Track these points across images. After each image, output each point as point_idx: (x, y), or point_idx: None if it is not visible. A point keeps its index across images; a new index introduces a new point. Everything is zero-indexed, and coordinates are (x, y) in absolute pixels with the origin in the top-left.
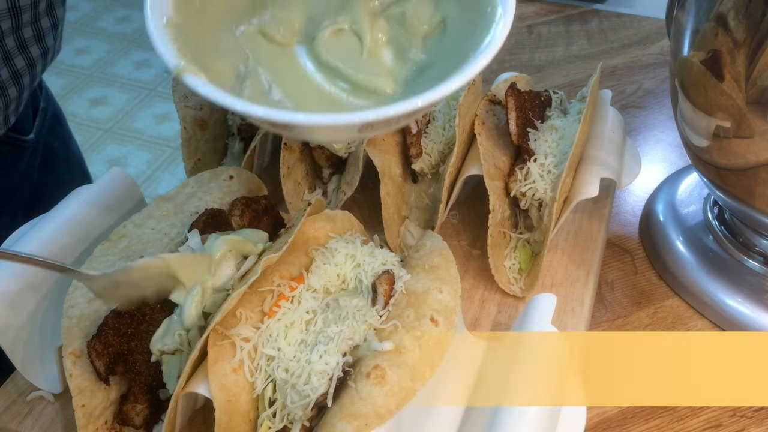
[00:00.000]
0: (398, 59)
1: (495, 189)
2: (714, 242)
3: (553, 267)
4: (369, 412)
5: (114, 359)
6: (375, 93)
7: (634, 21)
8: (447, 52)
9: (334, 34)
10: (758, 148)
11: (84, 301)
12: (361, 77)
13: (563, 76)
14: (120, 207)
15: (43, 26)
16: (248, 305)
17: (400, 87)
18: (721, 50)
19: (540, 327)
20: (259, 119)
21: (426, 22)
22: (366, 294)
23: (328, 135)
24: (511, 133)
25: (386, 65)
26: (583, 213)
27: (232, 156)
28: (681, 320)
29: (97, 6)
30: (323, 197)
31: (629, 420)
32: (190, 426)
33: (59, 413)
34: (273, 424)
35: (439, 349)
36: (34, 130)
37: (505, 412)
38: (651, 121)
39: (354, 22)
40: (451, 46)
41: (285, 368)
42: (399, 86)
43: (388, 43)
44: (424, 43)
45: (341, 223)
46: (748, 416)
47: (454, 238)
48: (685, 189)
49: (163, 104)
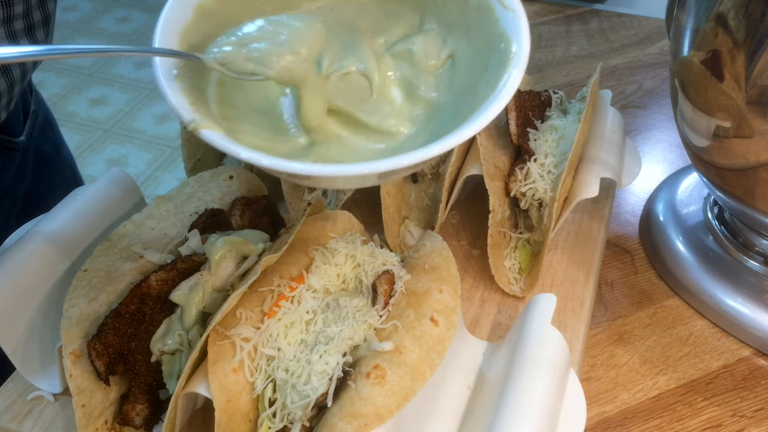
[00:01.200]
0: (408, 97)
1: (495, 189)
2: (714, 242)
3: (553, 267)
4: (369, 412)
5: (114, 359)
6: (389, 135)
7: (634, 21)
8: (459, 89)
9: (342, 79)
10: (758, 148)
11: (84, 301)
12: (373, 120)
13: (563, 76)
14: (120, 207)
15: (35, 19)
16: (248, 305)
17: (414, 126)
18: (721, 50)
19: (540, 327)
20: (282, 172)
21: (434, 57)
22: (366, 294)
23: (348, 183)
24: (511, 133)
25: (396, 104)
26: (583, 213)
27: None
28: (681, 320)
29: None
30: (323, 197)
31: (629, 420)
32: (190, 426)
33: (59, 413)
34: (273, 424)
35: (439, 349)
36: (25, 133)
37: (505, 412)
38: (651, 121)
39: (360, 61)
40: (463, 83)
41: (285, 368)
42: (413, 125)
43: (397, 82)
44: (435, 80)
45: (341, 223)
46: (748, 416)
47: (454, 238)
48: (685, 189)
49: (163, 104)
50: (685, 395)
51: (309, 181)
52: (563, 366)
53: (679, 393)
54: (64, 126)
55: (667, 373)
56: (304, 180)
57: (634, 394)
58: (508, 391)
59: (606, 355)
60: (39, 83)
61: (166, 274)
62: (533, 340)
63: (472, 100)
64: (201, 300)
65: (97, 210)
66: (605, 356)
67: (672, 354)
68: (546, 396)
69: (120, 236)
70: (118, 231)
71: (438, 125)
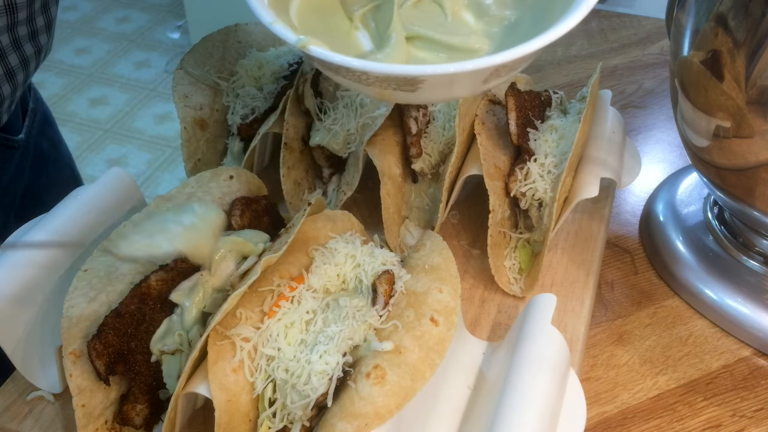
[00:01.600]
0: (481, 18)
1: (495, 189)
2: (714, 242)
3: (553, 267)
4: (369, 412)
5: (114, 359)
6: (472, 52)
7: (634, 21)
8: (531, 3)
9: (415, 6)
10: (758, 148)
11: (84, 301)
12: (456, 40)
13: (563, 76)
14: (120, 207)
15: (38, 24)
16: (248, 305)
17: (494, 43)
18: (721, 50)
19: (540, 327)
20: (393, 76)
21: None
22: (366, 294)
23: (462, 89)
24: (511, 133)
25: (471, 25)
26: (583, 213)
27: (232, 156)
28: (681, 320)
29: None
30: (323, 197)
31: (629, 420)
32: (190, 426)
33: (59, 413)
34: (273, 424)
35: (439, 349)
36: (24, 131)
37: (505, 412)
38: (651, 121)
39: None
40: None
41: (285, 368)
42: (493, 43)
43: (467, 5)
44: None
45: (341, 223)
46: (748, 416)
47: (454, 238)
48: (685, 189)
49: (163, 104)
50: (685, 395)
51: (421, 91)
52: (563, 366)
53: (679, 393)
54: (64, 126)
55: (667, 373)
56: (419, 88)
57: (634, 394)
58: (508, 391)
59: (606, 355)
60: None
61: (166, 274)
62: (533, 340)
63: (550, 12)
64: (201, 300)
65: (97, 210)
66: (605, 356)
67: (672, 354)
68: (546, 396)
69: (120, 236)
70: (119, 231)
71: (518, 40)
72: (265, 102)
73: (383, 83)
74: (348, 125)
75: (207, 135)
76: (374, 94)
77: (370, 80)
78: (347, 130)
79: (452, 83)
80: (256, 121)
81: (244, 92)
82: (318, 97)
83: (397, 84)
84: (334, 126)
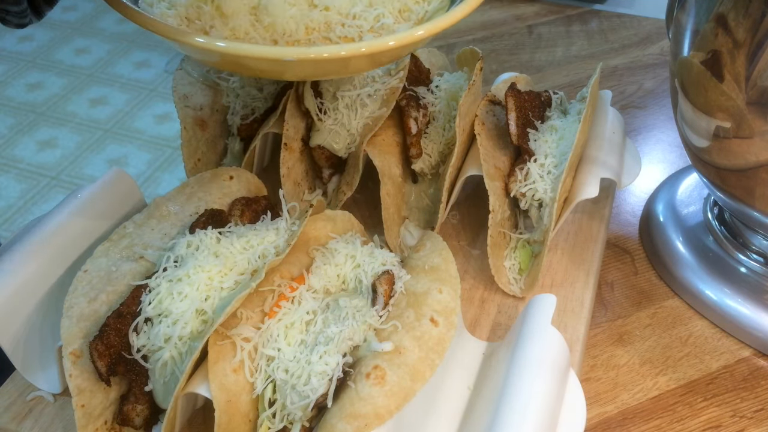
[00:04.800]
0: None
1: (495, 189)
2: (714, 242)
3: (553, 267)
4: (369, 412)
5: (115, 360)
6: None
7: (634, 21)
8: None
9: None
10: (758, 148)
11: (84, 301)
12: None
13: (563, 77)
14: (120, 207)
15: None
16: (249, 305)
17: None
18: (721, 50)
19: (540, 327)
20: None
21: None
22: (366, 294)
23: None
24: (511, 134)
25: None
26: (583, 213)
27: (232, 156)
28: (681, 320)
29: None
30: (323, 197)
31: (629, 420)
32: (190, 426)
33: (59, 413)
34: (273, 424)
35: (439, 349)
36: None
37: (505, 412)
38: (651, 121)
39: None
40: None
41: (285, 369)
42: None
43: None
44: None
45: (341, 224)
46: (748, 416)
47: (454, 238)
48: (685, 189)
49: (163, 104)
50: (685, 396)
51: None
52: (563, 366)
53: (679, 393)
54: (64, 126)
55: (667, 373)
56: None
57: (634, 395)
58: (508, 391)
59: (606, 356)
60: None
61: None
62: (533, 341)
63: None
64: None
65: (97, 210)
66: (605, 356)
67: (672, 354)
68: (546, 396)
69: (120, 236)
70: (119, 231)
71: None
72: (265, 102)
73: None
74: (348, 125)
75: (207, 135)
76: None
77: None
78: (347, 130)
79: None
80: (256, 122)
81: (244, 92)
82: (318, 98)
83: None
84: (334, 126)
